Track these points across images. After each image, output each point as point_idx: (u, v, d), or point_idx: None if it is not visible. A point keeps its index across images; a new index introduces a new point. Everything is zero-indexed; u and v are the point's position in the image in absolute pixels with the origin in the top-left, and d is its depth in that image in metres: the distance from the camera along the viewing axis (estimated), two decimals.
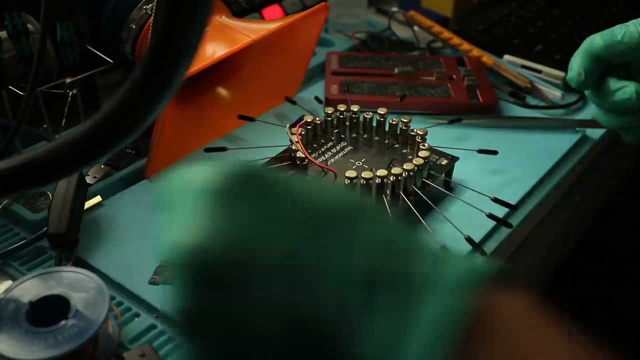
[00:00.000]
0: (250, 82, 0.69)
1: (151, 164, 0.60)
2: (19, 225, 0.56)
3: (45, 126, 0.63)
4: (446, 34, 0.83)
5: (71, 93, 0.62)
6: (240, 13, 0.82)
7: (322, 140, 0.60)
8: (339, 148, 0.60)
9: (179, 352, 0.34)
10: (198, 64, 0.55)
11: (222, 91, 0.69)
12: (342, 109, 0.61)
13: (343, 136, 0.61)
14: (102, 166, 0.62)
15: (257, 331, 0.22)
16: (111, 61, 0.67)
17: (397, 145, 0.60)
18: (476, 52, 0.80)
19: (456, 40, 0.82)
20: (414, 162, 0.54)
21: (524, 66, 0.80)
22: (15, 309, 0.40)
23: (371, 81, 0.74)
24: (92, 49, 0.68)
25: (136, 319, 0.48)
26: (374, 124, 0.61)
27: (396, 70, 0.75)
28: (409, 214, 0.53)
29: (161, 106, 0.27)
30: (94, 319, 0.39)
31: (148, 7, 0.62)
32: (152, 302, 0.48)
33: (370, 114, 0.61)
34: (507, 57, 0.83)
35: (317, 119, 0.60)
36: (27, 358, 0.37)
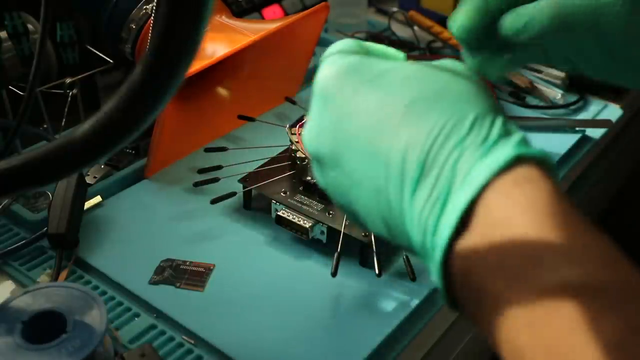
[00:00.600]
0: (250, 82, 0.69)
1: (151, 164, 0.61)
2: (19, 225, 0.56)
3: (45, 126, 0.63)
4: (446, 34, 0.83)
5: (71, 93, 0.62)
6: (240, 13, 0.82)
7: None
8: None
9: None
10: (198, 64, 0.55)
11: (222, 91, 0.69)
12: None
13: None
14: (102, 166, 0.62)
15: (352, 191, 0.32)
16: (111, 61, 0.67)
17: None
18: None
19: (456, 40, 0.82)
20: None
21: (523, 66, 0.80)
22: (8, 329, 0.39)
23: None
24: (92, 49, 0.68)
25: (136, 319, 0.48)
26: None
27: None
28: None
29: (161, 106, 0.27)
30: (93, 328, 0.39)
31: (148, 7, 0.62)
32: (152, 302, 0.48)
33: None
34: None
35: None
36: None
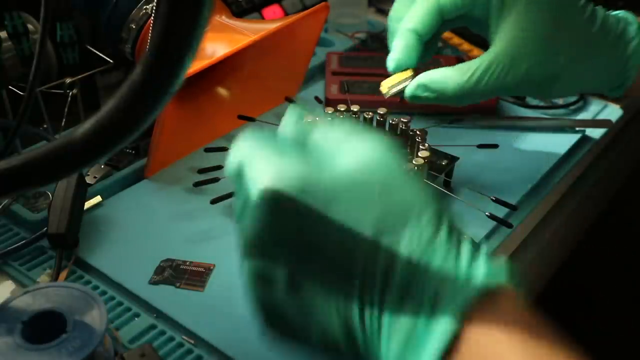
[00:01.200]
0: (250, 82, 0.69)
1: (151, 164, 0.61)
2: (19, 225, 0.56)
3: (45, 126, 0.63)
4: (446, 34, 0.83)
5: (71, 93, 0.62)
6: (240, 13, 0.82)
7: None
8: None
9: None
10: (198, 64, 0.55)
11: (222, 91, 0.69)
12: (342, 109, 0.61)
13: None
14: (102, 166, 0.62)
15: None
16: (111, 61, 0.67)
17: (397, 145, 0.60)
18: (476, 52, 0.80)
19: (456, 40, 0.82)
20: (414, 162, 0.54)
21: None
22: (8, 329, 0.39)
23: (371, 81, 0.73)
24: (92, 49, 0.68)
25: (136, 319, 0.48)
26: (374, 124, 0.61)
27: None
28: None
29: (161, 106, 0.27)
30: (93, 328, 0.39)
31: (148, 7, 0.62)
32: (152, 302, 0.48)
33: (370, 114, 0.61)
34: None
35: (317, 119, 0.60)
36: None
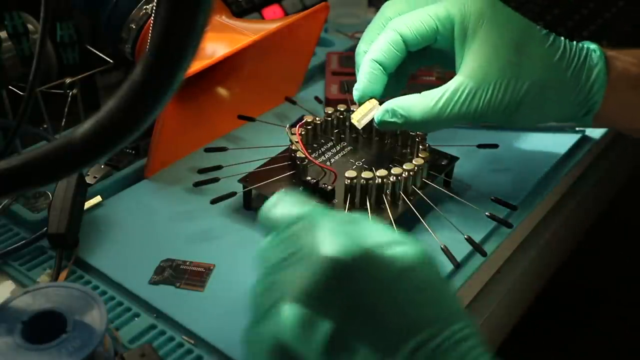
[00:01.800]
0: (250, 82, 0.69)
1: (151, 164, 0.61)
2: (19, 225, 0.56)
3: (45, 126, 0.63)
4: None
5: (71, 93, 0.62)
6: (240, 13, 0.82)
7: (322, 140, 0.60)
8: (339, 148, 0.60)
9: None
10: (198, 64, 0.55)
11: (222, 91, 0.69)
12: (342, 109, 0.61)
13: (343, 136, 0.61)
14: (102, 166, 0.62)
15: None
16: (111, 61, 0.67)
17: (397, 146, 0.60)
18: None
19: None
20: (414, 162, 0.54)
21: None
22: (8, 329, 0.39)
23: None
24: (92, 49, 0.68)
25: (136, 319, 0.48)
26: (374, 124, 0.61)
27: None
28: (409, 214, 0.53)
29: (161, 106, 0.27)
30: (93, 328, 0.39)
31: (148, 7, 0.62)
32: (152, 302, 0.48)
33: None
34: None
35: (317, 119, 0.60)
36: None
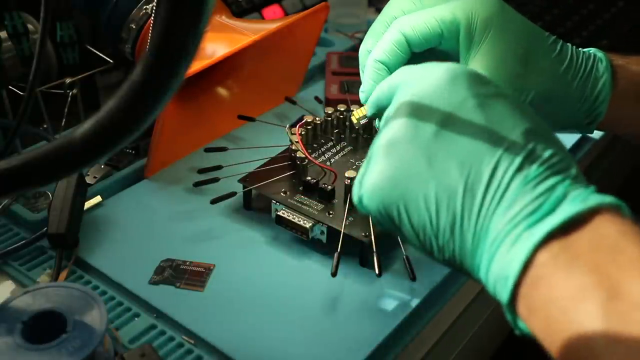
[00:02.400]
0: (250, 82, 0.69)
1: (151, 164, 0.61)
2: (19, 225, 0.56)
3: (45, 126, 0.63)
4: None
5: (71, 93, 0.62)
6: (240, 13, 0.82)
7: (322, 140, 0.60)
8: (339, 148, 0.60)
9: None
10: (198, 64, 0.55)
11: (222, 91, 0.69)
12: (342, 109, 0.61)
13: (343, 136, 0.61)
14: (102, 166, 0.62)
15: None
16: (111, 61, 0.67)
17: None
18: None
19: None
20: None
21: None
22: (8, 329, 0.38)
23: None
24: (92, 49, 0.68)
25: (136, 319, 0.48)
26: (374, 123, 0.61)
27: None
28: None
29: (161, 106, 0.27)
30: (93, 328, 0.39)
31: (148, 7, 0.62)
32: (152, 302, 0.48)
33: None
34: None
35: (317, 119, 0.60)
36: None
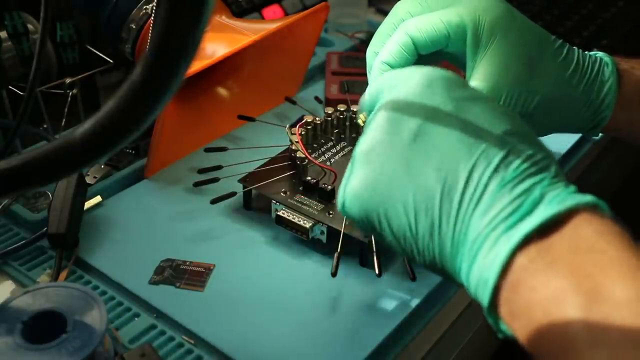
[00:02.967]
0: (250, 82, 0.69)
1: (151, 164, 0.61)
2: (19, 225, 0.56)
3: (45, 126, 0.63)
4: None
5: (71, 93, 0.62)
6: (240, 13, 0.82)
7: (322, 140, 0.60)
8: (339, 148, 0.60)
9: None
10: (198, 64, 0.55)
11: (222, 91, 0.69)
12: (342, 109, 0.61)
13: (343, 136, 0.61)
14: (102, 166, 0.62)
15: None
16: (111, 61, 0.67)
17: None
18: None
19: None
20: None
21: None
22: (8, 329, 0.38)
23: None
24: (92, 49, 0.68)
25: (136, 319, 0.48)
26: None
27: None
28: None
29: (161, 106, 0.27)
30: (93, 328, 0.39)
31: (148, 7, 0.62)
32: (152, 302, 0.48)
33: None
34: None
35: (317, 119, 0.60)
36: None
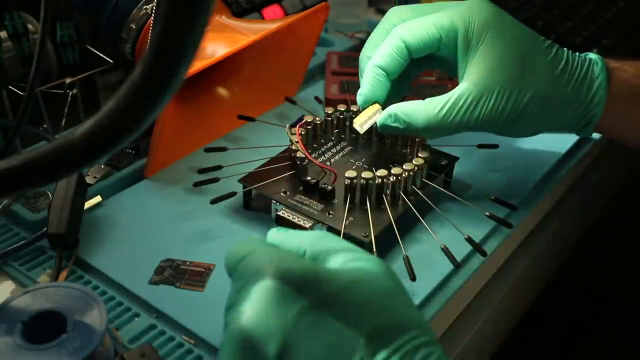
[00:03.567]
0: (250, 82, 0.69)
1: (151, 164, 0.61)
2: (19, 225, 0.56)
3: (45, 126, 0.63)
4: None
5: (71, 93, 0.62)
6: (240, 13, 0.82)
7: (322, 140, 0.60)
8: (339, 148, 0.60)
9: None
10: (198, 64, 0.55)
11: (222, 91, 0.69)
12: (342, 109, 0.61)
13: (343, 136, 0.61)
14: (102, 166, 0.62)
15: None
16: (111, 61, 0.67)
17: (397, 146, 0.60)
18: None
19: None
20: (414, 162, 0.54)
21: None
22: (8, 329, 0.38)
23: None
24: (92, 49, 0.68)
25: (136, 319, 0.48)
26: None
27: None
28: (409, 214, 0.53)
29: (161, 106, 0.27)
30: (93, 328, 0.39)
31: (148, 7, 0.62)
32: (152, 302, 0.48)
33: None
34: None
35: (317, 119, 0.60)
36: None
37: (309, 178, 0.54)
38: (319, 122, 0.60)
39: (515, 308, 0.69)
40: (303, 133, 0.59)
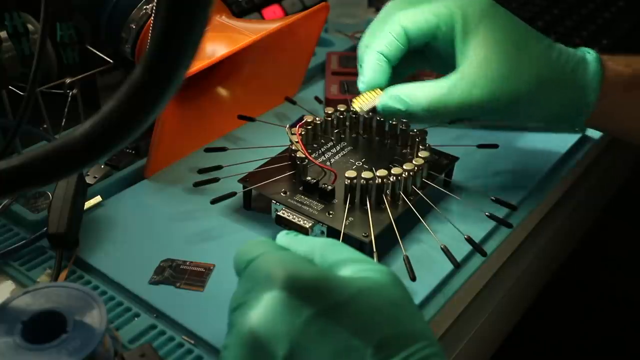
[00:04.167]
0: (250, 82, 0.69)
1: (151, 164, 0.61)
2: (19, 225, 0.56)
3: (45, 126, 0.63)
4: None
5: (71, 93, 0.62)
6: (240, 13, 0.82)
7: (322, 140, 0.60)
8: (339, 148, 0.60)
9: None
10: (198, 64, 0.55)
11: (222, 91, 0.69)
12: (342, 109, 0.61)
13: (343, 136, 0.61)
14: (102, 166, 0.62)
15: None
16: (111, 61, 0.67)
17: (397, 146, 0.60)
18: None
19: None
20: (414, 162, 0.54)
21: None
22: (8, 329, 0.38)
23: None
24: (92, 49, 0.68)
25: (136, 319, 0.48)
26: (374, 124, 0.61)
27: None
28: (409, 214, 0.53)
29: (161, 106, 0.27)
30: (93, 328, 0.39)
31: (148, 7, 0.62)
32: (152, 302, 0.48)
33: (370, 114, 0.61)
34: None
35: (317, 119, 0.60)
36: None
37: (309, 178, 0.54)
38: (319, 122, 0.60)
39: (515, 308, 0.69)
40: (303, 133, 0.59)
